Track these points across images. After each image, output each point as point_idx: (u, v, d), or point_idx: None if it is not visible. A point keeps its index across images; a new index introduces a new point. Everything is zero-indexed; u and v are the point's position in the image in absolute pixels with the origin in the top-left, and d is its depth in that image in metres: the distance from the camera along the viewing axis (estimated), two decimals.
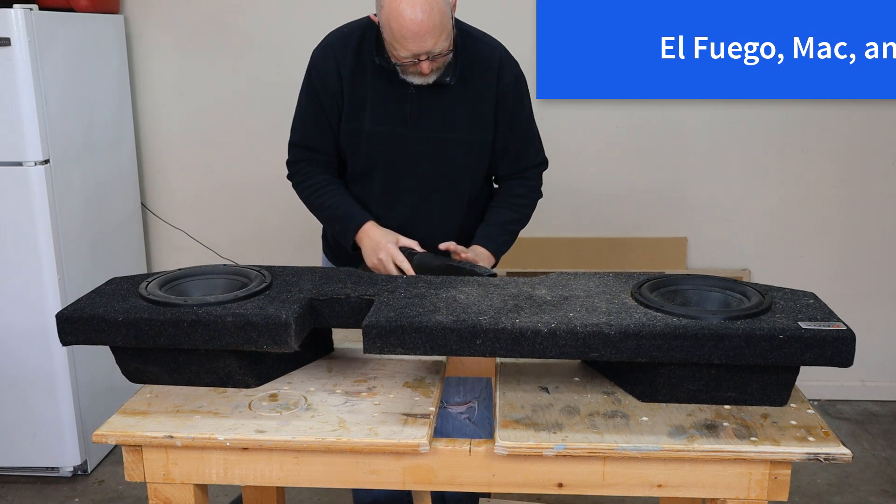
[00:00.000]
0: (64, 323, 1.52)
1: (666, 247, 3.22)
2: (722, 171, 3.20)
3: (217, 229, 3.42)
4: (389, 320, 1.44)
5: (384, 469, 1.42)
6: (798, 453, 1.35)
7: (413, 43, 1.74)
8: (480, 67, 1.92)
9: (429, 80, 1.83)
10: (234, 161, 3.37)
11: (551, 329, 1.40)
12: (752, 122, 3.23)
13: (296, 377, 1.62)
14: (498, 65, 1.93)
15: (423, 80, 1.83)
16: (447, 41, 1.78)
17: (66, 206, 2.73)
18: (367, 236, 1.92)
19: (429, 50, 1.75)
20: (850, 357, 1.40)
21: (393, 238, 1.90)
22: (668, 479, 1.39)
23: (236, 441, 1.39)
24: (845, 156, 3.27)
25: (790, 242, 3.35)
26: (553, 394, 1.54)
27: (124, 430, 1.42)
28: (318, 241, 2.33)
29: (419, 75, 1.82)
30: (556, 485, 1.41)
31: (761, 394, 1.47)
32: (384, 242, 1.89)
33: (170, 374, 1.57)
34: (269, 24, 3.23)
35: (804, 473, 2.83)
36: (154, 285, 1.61)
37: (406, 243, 1.90)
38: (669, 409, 1.48)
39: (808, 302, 1.54)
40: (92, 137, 2.92)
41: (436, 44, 1.75)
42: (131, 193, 3.24)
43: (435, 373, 1.64)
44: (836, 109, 3.19)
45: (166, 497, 1.46)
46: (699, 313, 1.46)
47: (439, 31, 1.74)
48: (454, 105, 1.91)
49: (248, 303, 1.53)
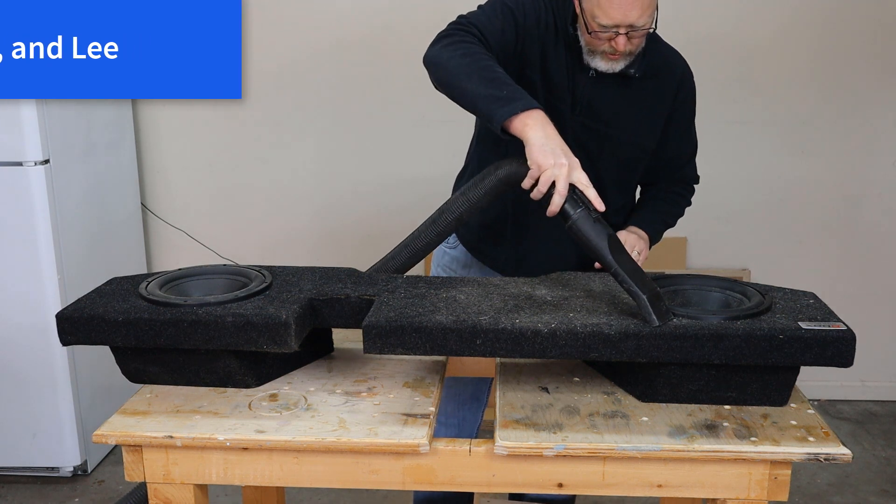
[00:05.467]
0: (64, 323, 1.52)
1: (666, 246, 3.20)
2: (722, 172, 3.20)
3: (217, 229, 3.42)
4: (389, 320, 1.44)
5: (384, 469, 1.42)
6: (798, 453, 1.35)
7: (618, 11, 1.62)
8: (662, 73, 1.83)
9: (616, 67, 1.73)
10: (235, 161, 3.37)
11: (551, 329, 1.40)
12: (753, 122, 3.23)
13: (296, 377, 1.62)
14: (680, 75, 1.85)
15: (611, 65, 1.72)
16: (650, 18, 1.66)
17: (66, 206, 2.73)
18: (546, 127, 1.54)
19: (632, 22, 1.63)
20: (851, 357, 1.40)
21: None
22: (668, 479, 1.39)
23: (236, 441, 1.39)
24: (845, 156, 3.27)
25: (790, 242, 3.35)
26: (553, 394, 1.54)
27: (124, 430, 1.42)
28: (318, 242, 2.32)
29: (608, 57, 1.72)
30: (556, 485, 1.41)
31: (761, 394, 1.47)
32: (570, 152, 1.52)
33: (170, 374, 1.57)
34: (270, 24, 3.23)
35: (804, 473, 2.83)
36: (154, 285, 1.61)
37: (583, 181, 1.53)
38: (669, 409, 1.48)
39: (808, 302, 1.54)
40: (92, 137, 2.91)
41: (640, 16, 1.63)
42: (131, 193, 3.24)
43: (435, 373, 1.64)
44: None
45: (166, 497, 1.46)
46: (699, 313, 1.46)
47: (647, 3, 1.63)
48: (627, 102, 1.81)
49: (248, 303, 1.53)
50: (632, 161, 1.89)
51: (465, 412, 2.14)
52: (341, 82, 3.26)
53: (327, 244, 3.42)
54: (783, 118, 3.23)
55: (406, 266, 1.73)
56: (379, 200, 3.35)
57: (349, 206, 3.38)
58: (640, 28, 1.67)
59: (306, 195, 3.39)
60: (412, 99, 3.14)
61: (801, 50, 3.19)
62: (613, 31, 1.67)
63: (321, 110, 3.30)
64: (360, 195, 3.37)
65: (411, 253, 1.70)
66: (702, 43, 3.09)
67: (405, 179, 3.32)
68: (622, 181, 1.92)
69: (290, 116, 3.31)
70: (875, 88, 3.21)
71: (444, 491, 1.75)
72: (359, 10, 3.19)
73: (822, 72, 3.20)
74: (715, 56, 3.15)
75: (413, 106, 3.21)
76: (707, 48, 3.12)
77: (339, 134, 3.32)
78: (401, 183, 3.32)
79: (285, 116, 3.32)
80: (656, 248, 2.01)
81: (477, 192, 1.64)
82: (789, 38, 3.18)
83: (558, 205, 1.49)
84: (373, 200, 3.35)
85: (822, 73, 3.20)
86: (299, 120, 3.31)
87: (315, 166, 3.36)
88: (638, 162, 1.90)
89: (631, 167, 1.91)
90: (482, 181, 1.64)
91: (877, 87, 3.21)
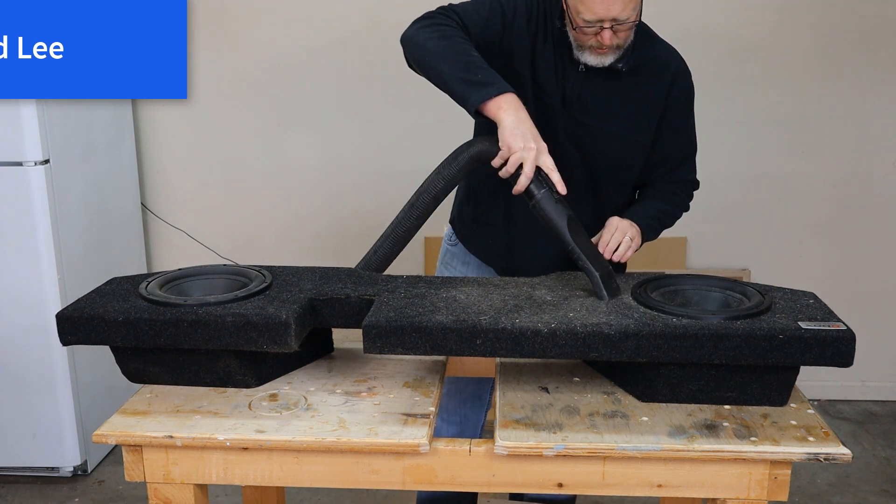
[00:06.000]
0: (64, 323, 1.52)
1: (666, 246, 3.21)
2: (721, 172, 3.20)
3: (217, 229, 3.42)
4: (389, 320, 1.44)
5: (384, 469, 1.42)
6: (798, 453, 1.35)
7: (600, 6, 1.64)
8: (655, 69, 1.83)
9: (605, 61, 1.74)
10: (234, 161, 3.37)
11: (551, 329, 1.40)
12: (752, 121, 3.23)
13: (296, 377, 1.62)
14: (674, 71, 1.85)
15: (600, 60, 1.74)
16: (634, 11, 1.68)
17: (66, 206, 2.73)
18: (518, 111, 1.60)
19: (615, 16, 1.66)
20: (851, 357, 1.40)
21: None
22: (668, 479, 1.39)
23: (236, 441, 1.39)
24: (845, 156, 3.27)
25: (790, 242, 3.35)
26: (553, 394, 1.54)
27: (124, 430, 1.42)
28: (318, 242, 2.32)
29: (596, 52, 1.73)
30: (556, 485, 1.41)
31: (761, 394, 1.47)
32: (539, 136, 1.60)
33: (170, 374, 1.57)
34: (270, 24, 3.23)
35: (804, 473, 2.83)
36: (154, 285, 1.61)
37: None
38: (669, 409, 1.48)
39: (808, 302, 1.54)
40: (92, 137, 2.91)
41: (623, 10, 1.65)
42: (131, 193, 3.24)
43: (435, 373, 1.64)
44: None
45: (166, 497, 1.46)
46: (699, 313, 1.46)
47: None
48: (618, 97, 1.82)
49: (248, 303, 1.53)
50: (626, 157, 1.89)
51: (466, 410, 2.14)
52: (342, 82, 3.26)
53: (327, 244, 3.41)
54: (783, 118, 3.23)
55: (392, 255, 1.73)
56: (381, 200, 3.35)
57: (350, 205, 3.38)
58: (625, 21, 1.69)
59: (307, 195, 3.39)
60: (413, 98, 3.14)
61: (801, 49, 3.19)
62: (598, 25, 1.69)
63: (322, 110, 3.30)
64: (362, 194, 3.37)
65: (395, 241, 1.73)
66: (701, 42, 3.08)
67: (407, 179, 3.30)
68: (618, 179, 1.92)
69: (290, 116, 3.31)
70: (875, 88, 3.21)
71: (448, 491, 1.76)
72: (358, 8, 3.19)
73: (822, 72, 3.20)
74: (715, 55, 3.15)
75: (414, 105, 3.20)
76: (707, 47, 3.11)
77: (339, 133, 3.32)
78: (403, 182, 3.30)
79: (286, 116, 3.32)
80: (656, 248, 2.01)
81: (451, 170, 1.70)
82: (790, 38, 3.18)
83: (524, 185, 1.59)
84: (374, 200, 3.35)
85: (822, 72, 3.20)
86: (300, 120, 3.31)
87: (315, 166, 3.36)
88: (633, 158, 1.90)
89: (626, 164, 1.91)
90: (455, 158, 1.70)
91: (877, 87, 3.21)
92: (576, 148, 1.85)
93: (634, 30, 1.75)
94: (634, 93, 1.83)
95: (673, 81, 1.85)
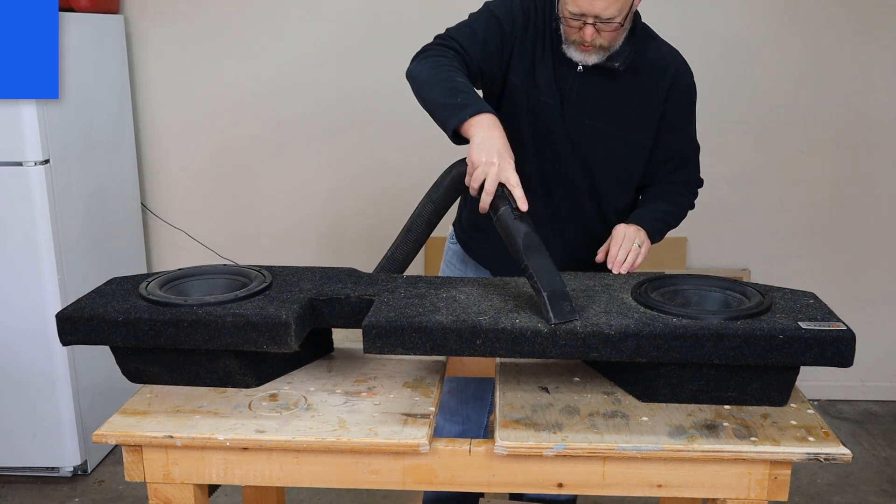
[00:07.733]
0: (64, 323, 1.52)
1: (666, 246, 3.21)
2: (721, 172, 3.20)
3: (217, 229, 3.42)
4: (389, 320, 1.44)
5: (384, 469, 1.42)
6: (798, 453, 1.35)
7: (584, 0, 1.66)
8: (655, 69, 1.84)
9: (588, 60, 1.75)
10: (235, 161, 3.37)
11: (551, 329, 1.40)
12: (752, 121, 3.23)
13: (296, 377, 1.62)
14: (675, 72, 1.85)
15: (584, 57, 1.75)
16: (619, 13, 1.68)
17: (66, 206, 2.73)
18: (491, 129, 1.59)
19: (598, 13, 1.67)
20: (851, 357, 1.40)
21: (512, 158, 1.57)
22: (668, 479, 1.39)
23: (236, 441, 1.39)
24: (845, 156, 3.27)
25: (790, 242, 3.35)
26: (553, 394, 1.54)
27: (124, 430, 1.42)
28: (318, 242, 2.33)
29: (582, 48, 1.74)
30: (556, 485, 1.41)
31: (761, 394, 1.47)
32: (506, 153, 1.56)
33: (170, 374, 1.57)
34: (270, 24, 3.23)
35: (804, 473, 2.83)
36: (154, 285, 1.61)
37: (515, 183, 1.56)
38: (669, 409, 1.48)
39: (808, 302, 1.54)
40: (92, 137, 2.92)
41: (606, 8, 1.66)
42: (131, 193, 3.24)
43: (435, 373, 1.64)
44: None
45: (166, 497, 1.46)
46: (699, 313, 1.46)
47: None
48: (616, 97, 1.82)
49: (248, 303, 1.53)
50: (627, 158, 1.89)
51: (468, 410, 2.15)
52: (343, 83, 3.26)
53: (327, 244, 3.42)
54: (783, 118, 3.23)
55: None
56: (381, 201, 3.35)
57: (350, 206, 3.38)
58: (608, 21, 1.69)
59: (307, 195, 3.39)
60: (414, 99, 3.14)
61: (801, 49, 3.19)
62: (582, 20, 1.70)
63: (322, 111, 3.30)
64: (362, 196, 3.37)
65: (395, 265, 1.77)
66: (702, 42, 3.09)
67: (408, 182, 3.31)
68: (619, 180, 1.92)
69: (290, 116, 3.31)
70: (875, 88, 3.21)
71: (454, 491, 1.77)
72: (359, 9, 3.19)
73: (822, 72, 3.20)
74: (715, 55, 3.15)
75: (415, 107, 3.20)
76: (707, 47, 3.12)
77: (340, 134, 3.32)
78: (404, 185, 3.32)
79: (286, 116, 3.32)
80: (656, 248, 2.00)
81: (438, 194, 1.74)
82: (790, 38, 3.18)
83: (486, 202, 1.56)
84: (374, 202, 3.35)
85: (822, 72, 3.20)
86: (300, 120, 3.31)
87: (315, 166, 3.36)
88: (634, 159, 1.90)
89: (627, 165, 1.91)
90: (441, 182, 1.74)
91: (877, 87, 3.21)
92: (576, 149, 1.85)
93: (626, 34, 1.76)
94: (634, 93, 1.83)
95: (674, 82, 1.85)
